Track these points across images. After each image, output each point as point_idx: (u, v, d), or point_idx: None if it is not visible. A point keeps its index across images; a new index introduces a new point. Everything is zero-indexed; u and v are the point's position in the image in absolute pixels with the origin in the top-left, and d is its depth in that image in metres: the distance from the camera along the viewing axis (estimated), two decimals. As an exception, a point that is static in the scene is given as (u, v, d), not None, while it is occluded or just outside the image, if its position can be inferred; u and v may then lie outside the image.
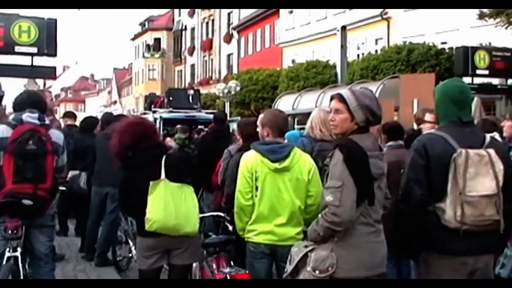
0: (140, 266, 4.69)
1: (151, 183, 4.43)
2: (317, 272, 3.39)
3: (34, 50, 11.12)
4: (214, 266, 4.81)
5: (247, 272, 4.52)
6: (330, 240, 3.41)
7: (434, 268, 3.60)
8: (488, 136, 3.70)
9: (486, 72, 15.98)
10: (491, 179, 3.46)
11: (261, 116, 4.72)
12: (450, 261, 3.56)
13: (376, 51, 25.41)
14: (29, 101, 4.99)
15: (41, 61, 11.78)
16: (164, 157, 4.56)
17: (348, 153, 3.34)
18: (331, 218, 3.32)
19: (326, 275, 3.37)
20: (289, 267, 3.62)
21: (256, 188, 4.44)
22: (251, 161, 4.47)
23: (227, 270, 4.59)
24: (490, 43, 18.96)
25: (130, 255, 7.49)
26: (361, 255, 3.41)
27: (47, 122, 4.91)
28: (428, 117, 6.00)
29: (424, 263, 3.68)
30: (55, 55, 11.49)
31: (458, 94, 3.71)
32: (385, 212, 3.64)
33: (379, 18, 27.68)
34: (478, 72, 15.81)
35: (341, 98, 3.52)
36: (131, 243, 7.41)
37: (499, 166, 3.49)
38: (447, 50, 20.59)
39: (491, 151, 3.52)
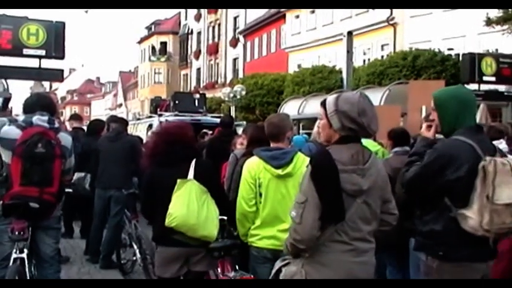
0: (162, 274, 4.67)
1: (178, 180, 4.46)
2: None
3: (42, 52, 11.15)
4: (219, 270, 4.81)
5: (251, 276, 4.54)
6: (301, 256, 3.19)
7: (447, 275, 3.56)
8: (502, 143, 3.73)
9: (493, 79, 15.94)
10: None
11: None
12: (464, 268, 3.55)
13: (382, 56, 25.42)
14: (39, 103, 5.02)
15: (48, 64, 11.81)
16: (195, 160, 4.61)
17: (314, 167, 3.11)
18: (293, 235, 3.12)
19: None
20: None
21: (260, 195, 4.47)
22: (254, 167, 4.50)
23: (232, 274, 4.62)
24: (496, 50, 18.94)
25: (134, 258, 7.51)
26: (331, 274, 3.12)
27: (57, 125, 4.92)
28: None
29: (437, 272, 3.61)
30: (63, 58, 11.52)
31: (473, 101, 3.74)
32: (388, 228, 3.41)
33: (386, 23, 27.66)
34: (484, 78, 15.77)
35: (323, 103, 3.33)
36: (135, 247, 7.44)
37: None
38: (453, 56, 20.57)
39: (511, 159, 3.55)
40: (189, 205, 4.43)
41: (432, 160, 3.58)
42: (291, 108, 22.73)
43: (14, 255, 4.63)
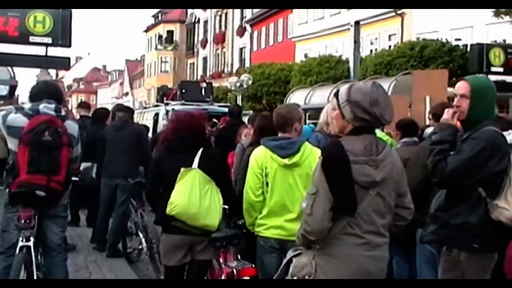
0: (167, 262, 4.72)
1: (182, 169, 4.48)
2: (295, 278, 3.15)
3: (49, 40, 11.08)
4: (221, 261, 4.84)
5: (253, 266, 4.57)
6: (313, 247, 3.14)
7: (476, 268, 3.56)
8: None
9: (501, 69, 15.85)
10: None
11: None
12: (491, 259, 3.59)
13: (390, 47, 25.33)
14: (46, 91, 5.00)
15: (55, 51, 11.78)
16: (202, 148, 4.62)
17: (325, 158, 3.06)
18: (304, 226, 3.08)
19: None
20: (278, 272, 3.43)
21: (267, 184, 4.46)
22: (261, 157, 4.49)
23: (234, 264, 4.63)
24: (504, 40, 18.83)
25: (140, 247, 7.54)
26: (342, 267, 3.07)
27: (63, 113, 4.90)
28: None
29: (464, 265, 3.58)
30: (69, 46, 11.46)
31: None
32: (404, 223, 3.34)
33: (393, 13, 27.56)
34: (492, 69, 15.68)
35: (335, 94, 3.24)
36: (141, 235, 7.46)
37: None
38: (461, 47, 20.46)
39: None
40: (191, 194, 4.44)
41: (479, 151, 3.50)
42: (297, 98, 22.64)
43: (20, 244, 4.62)
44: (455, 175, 3.53)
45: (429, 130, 5.37)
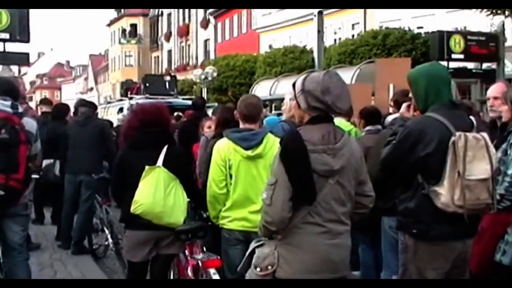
0: (132, 258, 4.67)
1: (146, 167, 4.43)
2: (258, 269, 3.14)
3: (6, 36, 10.87)
4: (187, 253, 4.82)
5: (218, 257, 4.56)
6: (275, 237, 3.15)
7: (422, 253, 3.58)
8: (473, 119, 3.73)
9: (461, 56, 16.03)
10: (487, 162, 3.44)
11: None
12: (440, 247, 3.56)
13: (353, 36, 25.48)
14: (2, 88, 4.89)
15: (15, 47, 11.54)
16: (167, 146, 4.57)
17: (283, 148, 3.08)
18: (264, 216, 3.09)
19: (266, 273, 3.11)
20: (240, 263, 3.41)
21: (230, 176, 4.45)
22: (224, 149, 4.47)
23: (199, 256, 4.63)
24: (465, 27, 19.08)
25: (106, 243, 7.46)
26: (304, 256, 3.08)
27: (20, 110, 4.81)
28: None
29: (412, 250, 3.63)
30: (28, 41, 11.24)
31: (447, 76, 3.72)
32: (365, 210, 3.35)
33: (356, 3, 27.72)
34: (453, 56, 15.86)
35: (293, 84, 3.29)
36: (107, 231, 7.39)
37: (493, 150, 3.51)
38: (423, 35, 20.70)
39: (485, 135, 3.51)
40: (156, 193, 4.39)
41: (402, 138, 3.58)
42: (262, 89, 22.69)
43: (-21, 244, 4.55)
44: (386, 162, 3.68)
45: (390, 118, 5.42)
